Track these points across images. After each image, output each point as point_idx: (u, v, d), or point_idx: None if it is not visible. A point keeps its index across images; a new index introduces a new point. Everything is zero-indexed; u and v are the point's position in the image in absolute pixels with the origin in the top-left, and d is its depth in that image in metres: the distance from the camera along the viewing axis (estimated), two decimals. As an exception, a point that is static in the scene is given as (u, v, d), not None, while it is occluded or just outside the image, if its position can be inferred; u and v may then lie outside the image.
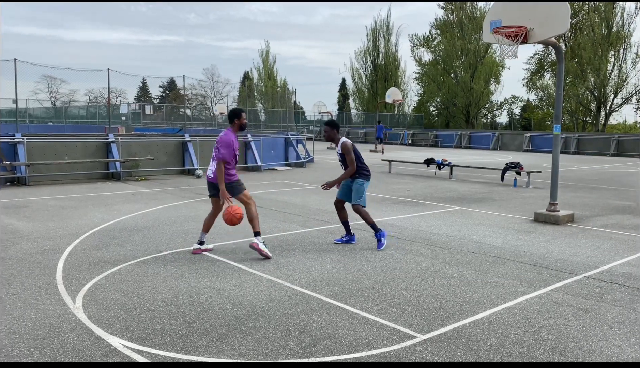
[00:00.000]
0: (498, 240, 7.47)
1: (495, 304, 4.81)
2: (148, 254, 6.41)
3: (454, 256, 6.55)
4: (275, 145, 19.17)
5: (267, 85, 59.02)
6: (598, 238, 7.74)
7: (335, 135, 6.88)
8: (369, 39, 55.91)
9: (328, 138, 6.96)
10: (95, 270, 5.69)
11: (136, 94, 70.20)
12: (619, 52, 42.16)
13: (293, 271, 5.76)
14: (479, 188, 13.45)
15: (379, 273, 5.75)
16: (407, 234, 7.78)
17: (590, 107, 45.21)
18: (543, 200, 10.85)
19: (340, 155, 6.86)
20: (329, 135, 6.91)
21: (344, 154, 6.75)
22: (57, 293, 4.96)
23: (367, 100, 55.74)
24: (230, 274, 5.62)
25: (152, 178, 15.00)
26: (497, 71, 49.98)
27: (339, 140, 6.83)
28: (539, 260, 6.41)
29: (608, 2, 41.20)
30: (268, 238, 7.26)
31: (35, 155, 13.59)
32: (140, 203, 10.42)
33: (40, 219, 8.59)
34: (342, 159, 6.86)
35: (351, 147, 6.77)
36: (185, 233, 7.62)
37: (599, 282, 5.53)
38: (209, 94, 69.54)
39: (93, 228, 7.92)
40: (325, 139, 7.06)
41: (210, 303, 4.72)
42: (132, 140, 15.91)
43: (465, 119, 50.29)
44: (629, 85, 43.05)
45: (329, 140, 7.03)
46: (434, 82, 52.22)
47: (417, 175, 16.66)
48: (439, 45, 51.95)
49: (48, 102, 55.22)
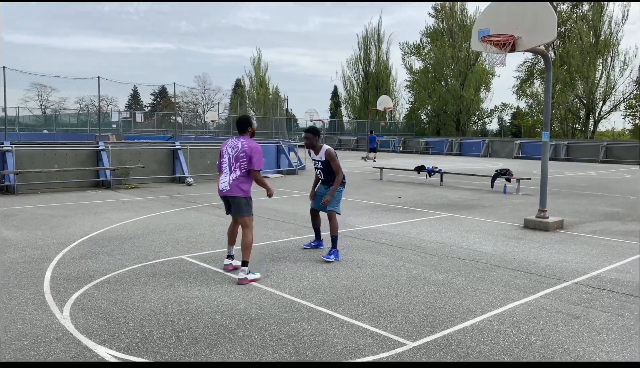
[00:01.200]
0: (488, 247, 7.50)
1: (484, 311, 4.82)
2: (137, 263, 6.36)
3: (444, 263, 6.56)
4: (266, 152, 19.15)
5: (259, 92, 59.08)
6: (587, 244, 7.79)
7: (317, 142, 6.71)
8: (361, 47, 56.32)
9: (309, 145, 6.70)
10: (83, 279, 5.64)
11: (127, 101, 70.04)
12: (607, 60, 42.73)
13: (283, 279, 5.74)
14: (469, 195, 13.51)
15: (369, 280, 5.75)
16: (398, 241, 7.79)
17: (579, 114, 45.70)
18: (533, 207, 10.92)
19: (322, 162, 6.69)
20: (310, 143, 6.67)
21: (330, 161, 6.62)
22: (44, 302, 4.91)
23: (359, 107, 56.00)
24: (220, 283, 5.59)
25: (142, 186, 14.93)
26: (487, 79, 50.46)
27: (321, 148, 6.68)
28: (529, 266, 6.44)
29: (596, 11, 41.74)
30: (259, 246, 7.25)
31: (24, 163, 13.48)
32: (130, 211, 10.36)
33: (29, 228, 8.51)
34: (323, 166, 6.71)
35: (335, 154, 6.71)
36: (175, 241, 7.58)
37: (587, 288, 5.56)
38: (201, 102, 69.51)
39: (82, 236, 7.85)
40: (306, 146, 6.75)
41: (200, 312, 4.69)
42: (122, 148, 15.84)
43: (456, 126, 50.63)
44: (617, 93, 43.66)
45: (309, 148, 6.75)
46: (425, 90, 52.58)
47: (408, 182, 16.71)
48: (430, 54, 52.39)
49: (38, 110, 54.95)
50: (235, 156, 5.76)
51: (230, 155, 5.81)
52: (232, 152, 5.79)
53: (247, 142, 5.78)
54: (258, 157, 5.74)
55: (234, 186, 5.74)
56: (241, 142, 5.80)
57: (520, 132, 51.09)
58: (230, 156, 5.80)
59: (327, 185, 6.82)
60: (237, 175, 5.74)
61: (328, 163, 6.66)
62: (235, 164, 5.75)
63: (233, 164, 5.77)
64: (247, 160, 5.72)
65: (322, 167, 6.75)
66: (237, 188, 5.74)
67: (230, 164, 5.79)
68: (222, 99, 66.79)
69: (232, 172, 5.78)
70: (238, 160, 5.74)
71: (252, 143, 5.79)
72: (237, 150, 5.76)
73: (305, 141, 6.73)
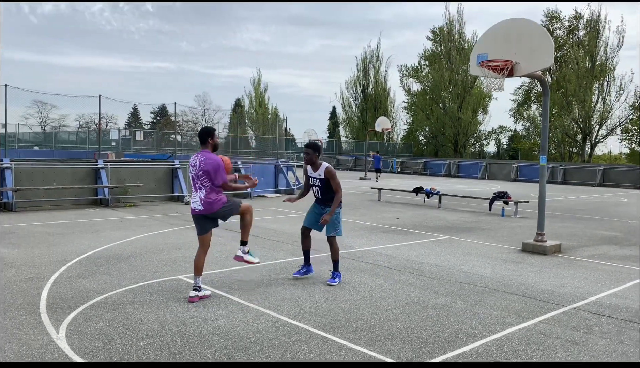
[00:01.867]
0: (486, 270, 7.49)
1: (483, 336, 4.80)
2: (134, 283, 6.33)
3: (443, 286, 6.54)
4: (265, 172, 19.20)
5: (258, 112, 59.43)
6: (585, 269, 7.78)
7: (317, 159, 6.53)
8: (359, 68, 56.86)
9: (309, 161, 6.48)
10: (80, 299, 5.60)
11: (127, 119, 70.33)
12: (603, 85, 43.18)
13: (281, 301, 5.72)
14: (468, 218, 13.52)
15: (368, 303, 5.72)
16: (397, 264, 7.77)
17: (576, 138, 45.98)
18: (531, 230, 10.92)
19: (321, 180, 6.49)
20: (310, 159, 6.45)
21: (330, 178, 6.44)
22: (40, 322, 4.87)
23: (357, 128, 56.29)
24: (218, 304, 5.56)
25: (141, 204, 14.91)
26: (485, 102, 50.83)
27: (320, 165, 6.50)
28: (527, 290, 6.43)
29: (591, 37, 42.33)
30: (256, 267, 7.22)
31: (23, 180, 13.47)
32: (128, 230, 10.33)
33: (26, 246, 8.48)
34: (321, 184, 6.50)
35: (335, 172, 6.60)
36: (173, 261, 7.55)
37: (586, 314, 5.55)
38: (200, 121, 69.79)
39: (79, 255, 7.82)
40: (305, 161, 6.51)
41: (197, 334, 4.66)
42: (121, 166, 15.86)
43: (454, 148, 50.83)
44: (613, 117, 44.01)
45: (308, 163, 6.51)
46: (423, 112, 52.92)
47: (407, 203, 16.72)
48: (428, 76, 52.86)
49: (38, 127, 55.06)
50: (196, 175, 5.60)
51: (192, 175, 5.66)
52: (193, 171, 5.64)
53: (205, 158, 5.57)
54: (218, 173, 5.53)
55: (208, 203, 5.59)
56: (199, 158, 5.60)
57: (517, 154, 51.30)
58: (193, 175, 5.65)
59: (324, 205, 6.63)
60: (205, 193, 5.60)
61: (327, 181, 6.47)
62: (198, 182, 5.61)
63: (197, 183, 5.63)
64: (207, 178, 5.56)
65: (320, 185, 6.53)
66: (213, 203, 5.60)
67: (195, 183, 5.65)
68: (222, 118, 67.14)
69: (198, 190, 5.64)
70: (200, 178, 5.58)
71: (209, 158, 5.56)
72: (196, 169, 5.60)
73: (305, 157, 6.52)
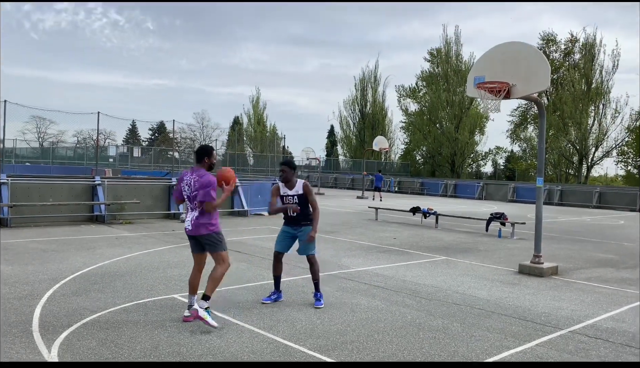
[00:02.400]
0: (483, 292, 7.46)
1: (480, 359, 4.76)
2: (129, 301, 6.28)
3: (439, 308, 6.51)
4: (262, 190, 19.19)
5: (256, 130, 59.67)
6: (582, 291, 7.76)
7: (292, 177, 6.39)
8: (357, 88, 57.36)
9: (285, 179, 6.36)
10: (73, 317, 5.55)
11: (125, 136, 70.43)
12: (599, 107, 43.61)
13: (276, 322, 5.67)
14: (464, 238, 13.50)
15: (364, 324, 5.68)
16: (393, 284, 7.74)
17: (572, 160, 46.27)
18: (527, 252, 10.90)
19: (299, 196, 6.33)
20: (286, 176, 6.33)
21: (307, 195, 6.35)
22: (32, 341, 4.82)
23: (355, 147, 56.53)
24: (213, 324, 5.50)
25: (137, 221, 14.85)
26: (482, 122, 51.19)
27: (296, 182, 6.41)
28: (524, 313, 6.39)
29: (587, 60, 42.87)
30: (251, 286, 7.18)
31: (19, 196, 13.43)
32: (123, 247, 10.28)
33: (20, 263, 8.42)
34: (299, 201, 6.35)
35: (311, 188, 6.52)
36: (168, 279, 7.50)
37: (583, 337, 5.52)
38: (198, 138, 69.97)
39: (74, 272, 7.76)
40: (281, 179, 6.42)
41: (191, 355, 4.61)
42: (118, 183, 15.84)
43: (451, 168, 51.02)
44: (609, 139, 44.37)
45: (284, 181, 6.39)
46: (420, 132, 53.22)
47: (404, 223, 16.71)
48: (425, 97, 53.29)
49: (35, 142, 55.08)
50: (192, 195, 5.55)
51: (187, 194, 5.64)
52: (188, 190, 5.59)
53: (198, 177, 5.50)
54: (206, 190, 5.42)
55: (196, 225, 5.53)
56: (194, 178, 5.54)
57: (514, 175, 51.53)
58: (188, 194, 5.60)
59: (298, 225, 6.44)
60: (197, 214, 5.56)
61: (304, 197, 6.36)
62: (193, 202, 5.56)
63: (191, 203, 5.59)
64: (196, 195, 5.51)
65: (297, 203, 6.39)
66: (201, 226, 5.54)
67: (191, 202, 5.60)
68: (220, 135, 67.31)
69: (192, 210, 5.60)
70: (195, 199, 5.53)
71: (203, 177, 5.49)
72: (191, 188, 5.55)
73: (281, 174, 6.40)
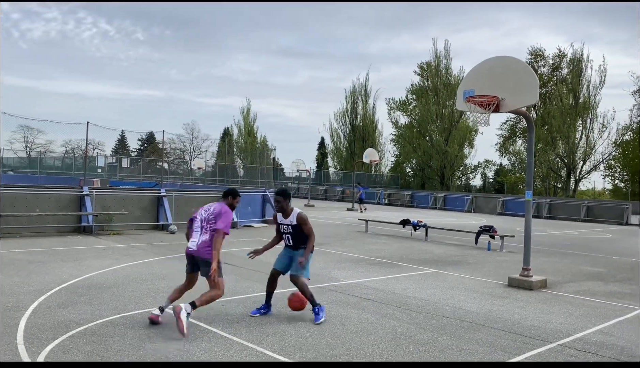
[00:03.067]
0: (473, 305, 7.46)
1: (470, 373, 4.74)
2: (116, 313, 6.19)
3: (429, 321, 6.49)
4: (252, 201, 19.13)
5: (247, 141, 59.66)
6: (570, 305, 7.79)
7: (287, 205, 6.44)
8: (348, 101, 57.74)
9: (279, 209, 6.45)
10: (59, 330, 5.46)
11: (114, 146, 70.02)
12: (586, 122, 44.24)
13: (265, 335, 5.62)
14: (454, 251, 13.54)
15: (354, 337, 5.65)
16: (383, 297, 7.72)
17: (560, 173, 46.77)
18: (517, 265, 10.95)
19: (293, 226, 6.40)
20: (281, 206, 6.41)
21: (302, 225, 6.40)
22: (16, 354, 4.72)
23: (345, 159, 56.75)
24: (200, 337, 5.44)
25: (125, 232, 14.71)
26: (471, 136, 51.68)
27: (292, 211, 6.47)
28: (513, 326, 6.40)
29: (574, 75, 43.52)
30: (241, 299, 7.12)
31: (5, 206, 13.25)
32: (111, 258, 10.17)
33: (5, 274, 8.28)
34: (293, 230, 6.43)
35: (307, 217, 6.53)
36: (156, 291, 7.42)
37: (572, 351, 5.52)
38: (188, 149, 69.77)
39: (60, 284, 7.65)
40: (277, 209, 6.51)
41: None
42: (106, 194, 15.70)
43: (440, 181, 51.33)
44: (596, 153, 44.97)
45: (279, 211, 6.48)
46: (410, 144, 53.59)
47: (393, 235, 16.72)
48: (415, 110, 53.78)
49: (23, 152, 54.59)
50: (207, 218, 5.83)
51: (202, 217, 5.88)
52: (205, 214, 5.88)
53: (221, 207, 5.87)
54: (225, 218, 5.73)
55: (202, 247, 5.71)
56: (215, 206, 5.92)
57: (503, 188, 51.90)
58: (203, 217, 5.86)
59: (296, 249, 6.53)
60: (207, 238, 5.73)
61: (299, 227, 6.42)
62: (206, 225, 5.80)
63: (204, 226, 5.81)
64: (213, 221, 5.76)
65: (292, 232, 6.43)
66: (206, 250, 5.69)
67: (202, 225, 5.83)
68: (210, 146, 67.18)
69: (202, 233, 5.79)
70: (209, 222, 5.79)
71: (225, 207, 5.88)
72: (209, 213, 5.86)
73: (276, 205, 6.50)
